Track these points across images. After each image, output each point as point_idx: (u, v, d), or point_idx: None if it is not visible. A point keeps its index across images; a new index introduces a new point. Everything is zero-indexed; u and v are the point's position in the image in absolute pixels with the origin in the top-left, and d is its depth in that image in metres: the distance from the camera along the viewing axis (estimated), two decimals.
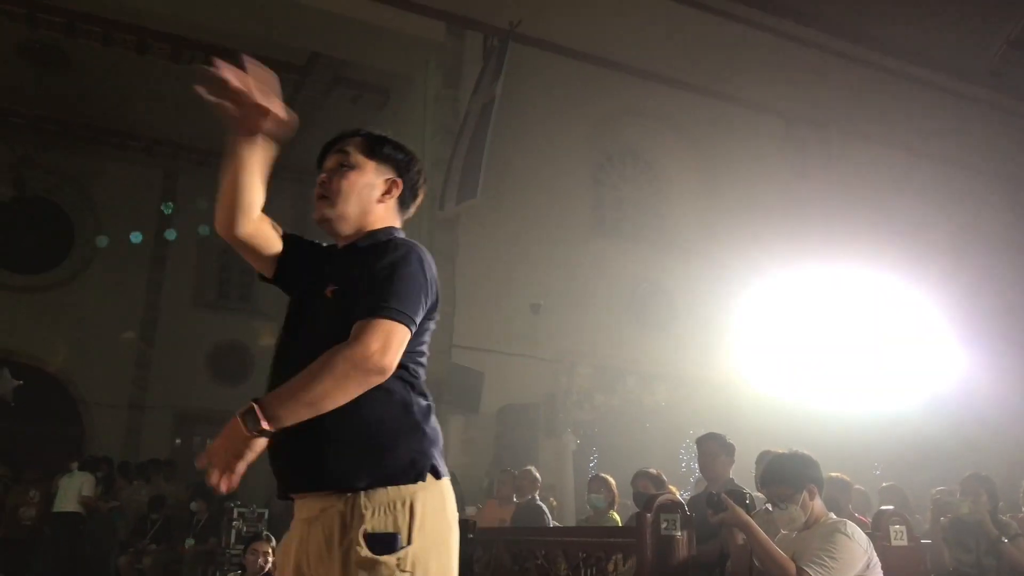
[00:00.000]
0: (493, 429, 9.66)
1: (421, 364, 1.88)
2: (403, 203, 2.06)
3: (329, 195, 1.98)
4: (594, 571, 4.10)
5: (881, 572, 3.32)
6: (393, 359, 1.70)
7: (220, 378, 14.31)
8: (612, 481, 6.03)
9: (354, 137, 2.05)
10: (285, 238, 2.08)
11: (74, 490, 9.60)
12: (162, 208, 12.96)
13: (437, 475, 1.78)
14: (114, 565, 9.65)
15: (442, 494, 1.78)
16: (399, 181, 2.03)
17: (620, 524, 5.71)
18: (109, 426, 13.42)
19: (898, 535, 3.99)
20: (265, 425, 1.64)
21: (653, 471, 5.72)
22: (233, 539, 7.86)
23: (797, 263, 9.75)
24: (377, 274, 1.80)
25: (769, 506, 3.60)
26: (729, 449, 4.99)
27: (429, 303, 1.85)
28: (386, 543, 1.67)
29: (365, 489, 1.69)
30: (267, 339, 14.61)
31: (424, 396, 1.85)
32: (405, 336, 1.74)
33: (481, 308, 9.44)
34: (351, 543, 1.67)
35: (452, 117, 10.27)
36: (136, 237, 12.92)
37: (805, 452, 3.63)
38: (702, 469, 5.21)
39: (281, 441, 1.72)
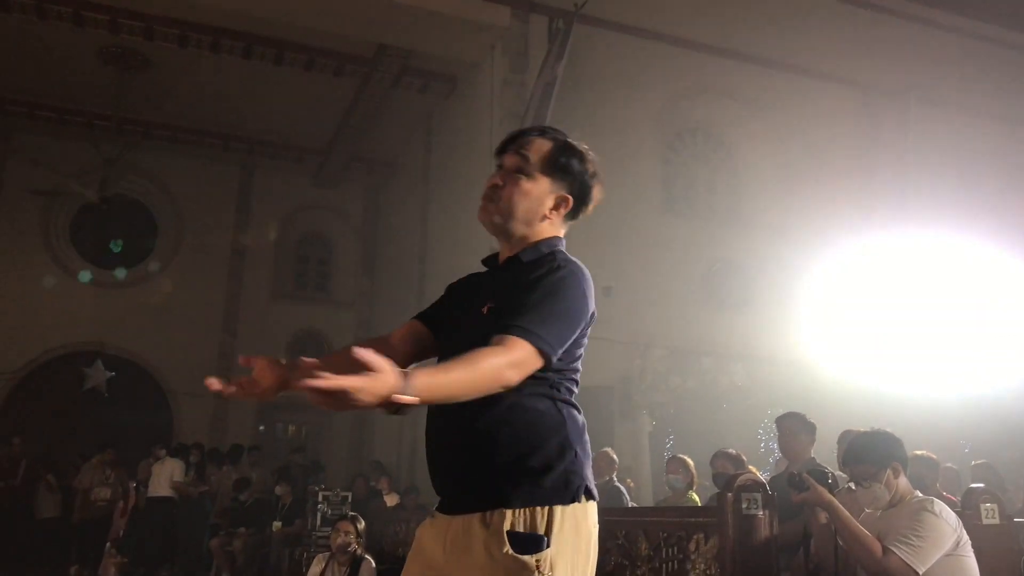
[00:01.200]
0: None
1: (575, 381, 1.87)
2: (571, 215, 2.00)
3: (498, 202, 1.91)
4: (675, 551, 4.10)
5: (971, 551, 3.24)
6: (517, 379, 1.66)
7: None
8: (690, 462, 6.01)
9: (540, 139, 1.95)
10: (424, 316, 2.05)
11: (166, 476, 10.00)
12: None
13: (590, 496, 1.78)
14: (206, 547, 10.03)
15: (585, 510, 1.77)
16: (570, 199, 1.96)
17: (699, 505, 5.69)
18: (196, 414, 13.90)
19: (989, 513, 3.89)
20: (409, 393, 1.47)
21: (732, 451, 5.69)
22: (319, 522, 8.08)
23: (875, 237, 9.50)
24: (532, 291, 1.77)
25: (852, 485, 3.54)
26: (810, 428, 4.92)
27: (581, 328, 1.82)
28: (529, 542, 1.67)
29: (520, 507, 1.70)
30: (344, 327, 14.94)
31: (578, 411, 1.84)
32: (537, 364, 1.69)
33: None
34: (492, 539, 1.68)
35: (519, 102, 10.27)
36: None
37: (888, 430, 3.56)
38: (782, 448, 5.15)
39: (443, 463, 1.79)
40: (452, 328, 1.95)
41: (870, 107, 12.15)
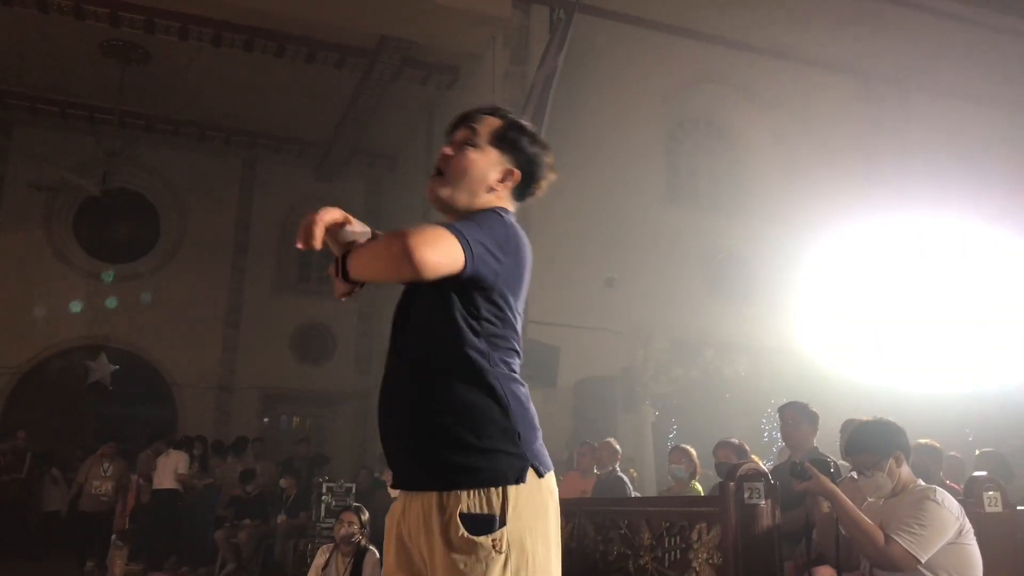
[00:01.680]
0: (571, 403, 9.71)
1: (514, 352, 1.86)
2: (519, 194, 2.00)
3: (446, 172, 1.93)
4: (678, 540, 4.11)
5: (974, 539, 3.25)
6: (427, 258, 1.64)
7: (303, 358, 14.73)
8: (693, 452, 6.02)
9: (490, 116, 1.98)
10: None
11: (170, 468, 10.03)
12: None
13: (539, 474, 1.78)
14: (211, 539, 10.07)
15: (539, 486, 1.78)
16: (516, 172, 1.96)
17: (702, 494, 5.70)
18: (200, 407, 13.95)
19: (992, 502, 3.89)
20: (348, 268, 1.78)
21: (735, 441, 5.69)
22: (323, 513, 8.11)
23: (878, 224, 9.48)
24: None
25: (855, 474, 3.55)
26: (812, 417, 4.92)
27: (504, 262, 1.79)
28: (482, 523, 1.70)
29: (466, 489, 1.72)
30: (347, 320, 14.96)
31: (520, 384, 1.84)
32: (450, 247, 1.68)
33: (555, 283, 9.45)
34: (448, 521, 1.71)
35: (521, 94, 10.26)
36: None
37: (890, 419, 3.56)
38: (785, 438, 5.16)
39: (389, 441, 1.83)
40: (400, 309, 1.94)
41: (871, 94, 12.13)
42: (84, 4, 10.47)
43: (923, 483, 3.44)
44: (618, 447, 7.13)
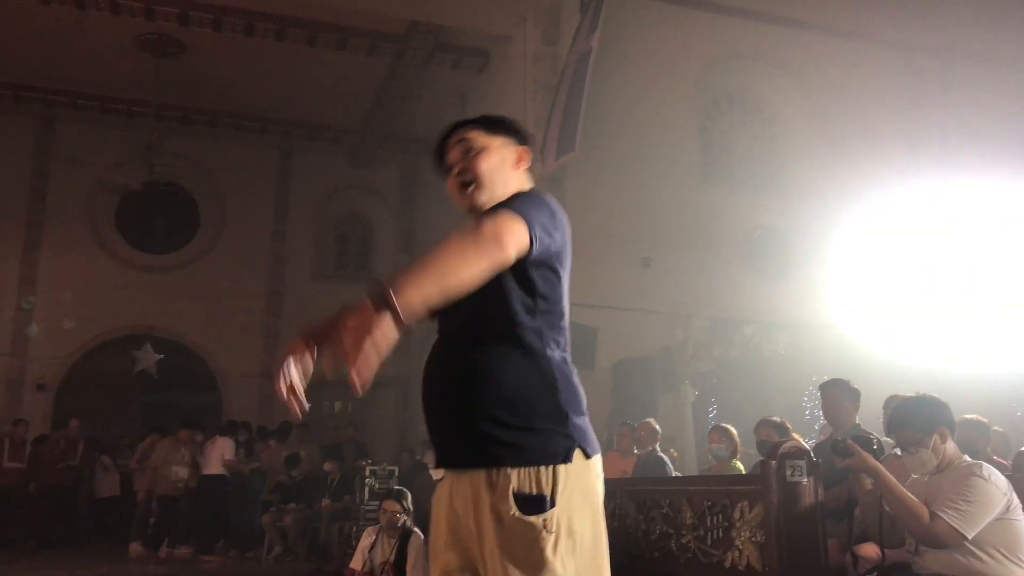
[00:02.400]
0: (610, 384, 9.71)
1: (562, 330, 1.87)
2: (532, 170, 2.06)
3: (475, 180, 1.94)
4: (720, 519, 4.12)
5: (1022, 514, 3.21)
6: (509, 239, 1.65)
7: None
8: (734, 431, 6.00)
9: (466, 126, 2.02)
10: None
11: (217, 454, 10.22)
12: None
13: (586, 455, 1.80)
14: (258, 523, 10.27)
15: (587, 467, 1.79)
16: (526, 149, 2.03)
17: (743, 473, 5.69)
18: (244, 394, 14.17)
19: None
20: (399, 304, 1.52)
21: (776, 419, 5.66)
22: (367, 496, 8.22)
23: (920, 200, 9.31)
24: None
25: (898, 451, 3.51)
26: (854, 394, 4.88)
27: (556, 239, 1.81)
28: (534, 503, 1.71)
29: (515, 468, 1.74)
30: None
31: (569, 365, 1.86)
32: (522, 231, 1.69)
33: (591, 264, 9.39)
34: (499, 499, 1.72)
35: (553, 75, 10.21)
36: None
37: (933, 395, 3.52)
38: (826, 415, 5.12)
39: (437, 420, 1.84)
40: (441, 317, 1.95)
41: (912, 67, 11.87)
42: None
43: (969, 459, 3.40)
44: (657, 427, 7.13)
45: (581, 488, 1.77)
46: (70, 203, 13.99)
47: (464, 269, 1.60)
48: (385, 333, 1.52)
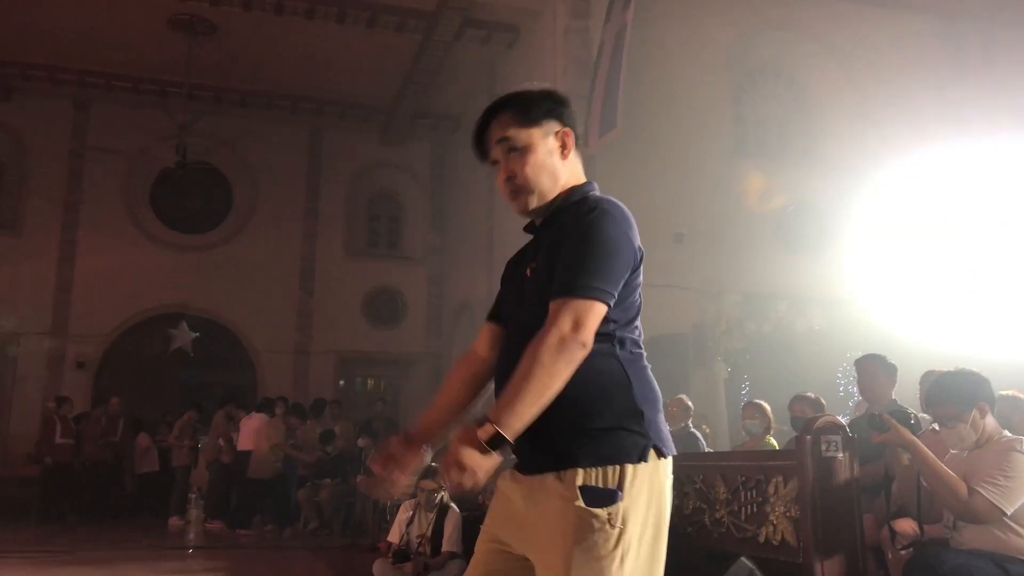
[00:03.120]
0: None
1: (638, 329, 1.86)
2: (575, 146, 1.96)
3: (524, 187, 1.90)
4: (754, 494, 4.11)
5: None
6: (589, 335, 1.69)
7: (375, 322, 15.01)
8: (767, 407, 5.98)
9: (500, 116, 1.94)
10: (492, 315, 2.08)
11: (251, 431, 10.39)
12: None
13: (660, 454, 1.77)
14: (294, 498, 10.43)
15: (659, 467, 1.77)
16: (567, 131, 1.93)
17: (777, 449, 5.67)
18: (279, 371, 14.37)
19: None
20: (508, 436, 1.64)
21: (811, 395, 5.64)
22: None
23: (960, 174, 9.13)
24: (569, 244, 1.77)
25: (936, 426, 3.49)
26: (890, 369, 4.84)
27: (631, 264, 1.80)
28: (600, 497, 1.69)
29: (585, 468, 1.72)
30: (417, 283, 15.18)
31: (644, 363, 1.84)
32: (600, 311, 1.72)
33: None
34: (567, 490, 1.70)
35: (583, 49, 10.13)
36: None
37: (973, 370, 3.48)
38: (862, 391, 5.09)
39: None
40: (507, 305, 1.99)
41: (951, 37, 11.60)
42: None
43: (1009, 434, 3.36)
44: (690, 403, 7.13)
45: (650, 487, 1.74)
46: (106, 184, 14.19)
47: (558, 382, 1.68)
48: (488, 467, 1.64)
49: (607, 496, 1.69)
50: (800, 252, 10.32)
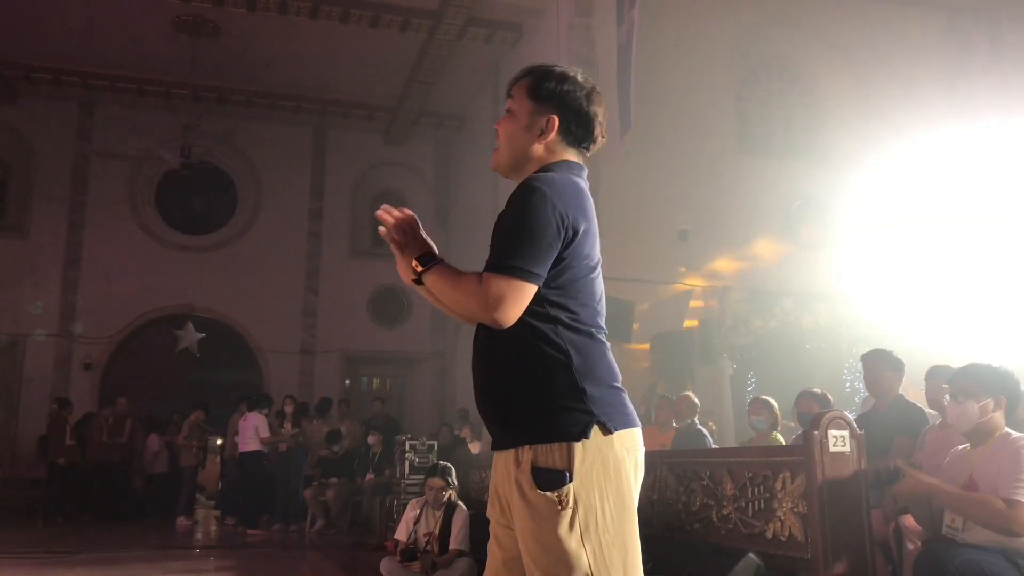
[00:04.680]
0: (647, 357, 9.70)
1: (588, 307, 1.86)
2: (573, 137, 1.99)
3: (498, 143, 2.05)
4: (761, 490, 4.11)
5: None
6: (507, 314, 1.77)
7: (380, 321, 15.01)
8: (774, 403, 5.97)
9: (524, 79, 2.03)
10: None
11: (250, 430, 10.36)
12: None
13: (607, 429, 1.78)
14: (301, 497, 10.45)
15: (609, 443, 1.78)
16: (554, 118, 1.96)
17: (784, 445, 5.66)
18: (285, 371, 14.39)
19: None
20: (418, 268, 1.91)
21: (818, 390, 5.63)
22: (407, 470, 8.32)
23: (968, 170, 9.11)
24: (499, 224, 1.87)
25: (948, 397, 3.46)
26: (896, 365, 4.83)
27: (558, 240, 1.80)
28: (550, 479, 1.74)
29: (533, 445, 1.78)
30: None
31: (589, 338, 1.84)
32: (522, 289, 1.77)
33: (628, 237, 9.37)
34: (522, 474, 1.78)
35: (587, 46, 10.12)
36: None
37: (1010, 368, 3.46)
38: (868, 386, 5.08)
39: (477, 404, 1.93)
40: None
41: (957, 31, 11.57)
42: None
43: (1013, 432, 3.34)
44: (696, 400, 7.12)
45: (601, 463, 1.76)
46: (111, 184, 14.22)
47: (451, 302, 1.88)
48: (401, 258, 1.97)
49: (556, 477, 1.74)
50: (806, 248, 10.32)
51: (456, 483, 5.91)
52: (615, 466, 1.78)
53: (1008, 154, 9.16)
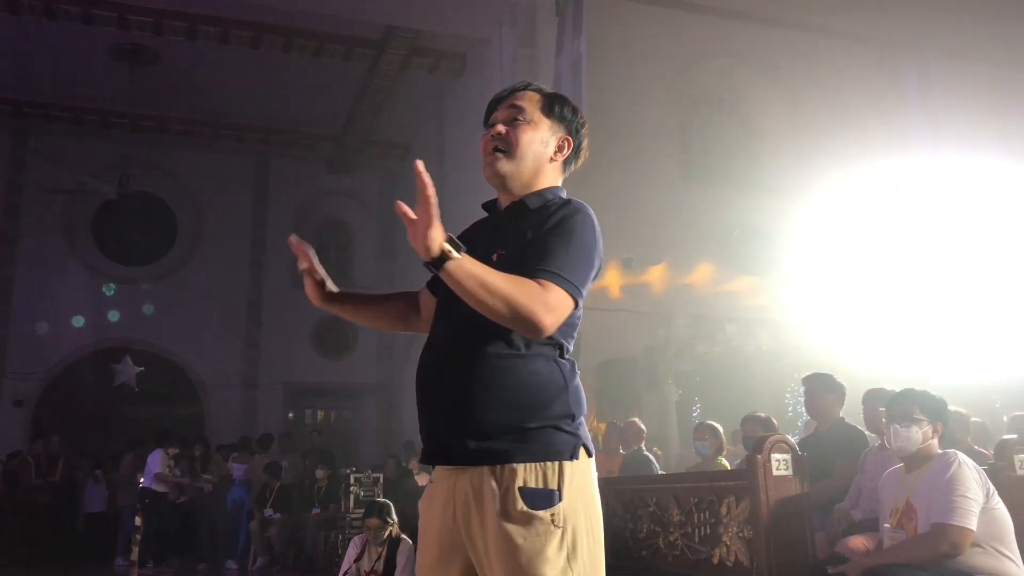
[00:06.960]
0: (594, 385, 9.70)
1: (572, 336, 1.88)
2: (567, 164, 2.03)
3: (508, 148, 1.93)
4: (707, 515, 4.11)
5: (1002, 502, 3.22)
6: (554, 326, 1.72)
7: (325, 352, 14.80)
8: (719, 427, 6.01)
9: (527, 91, 1.99)
10: (430, 284, 2.10)
11: (151, 468, 9.96)
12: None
13: (588, 453, 1.81)
14: (245, 531, 10.15)
15: (589, 466, 1.81)
16: (570, 140, 2.00)
17: (729, 469, 5.69)
18: (226, 404, 14.07)
19: (1023, 464, 3.85)
20: (454, 254, 1.64)
21: (762, 414, 5.67)
22: (352, 504, 8.17)
23: (904, 197, 9.36)
24: (552, 235, 1.80)
25: (886, 420, 3.53)
26: (836, 388, 4.90)
27: (595, 275, 1.86)
28: (542, 498, 1.70)
29: (522, 463, 1.72)
30: None
31: (574, 369, 1.87)
32: (571, 308, 1.76)
33: None
34: (505, 494, 1.70)
35: (531, 77, 10.19)
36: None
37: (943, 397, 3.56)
38: (809, 409, 5.14)
39: (436, 416, 1.81)
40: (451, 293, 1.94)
41: (887, 63, 11.96)
42: (91, 9, 10.51)
43: (940, 451, 3.42)
44: (643, 426, 7.14)
45: (586, 485, 1.77)
46: (45, 216, 13.83)
47: (504, 301, 1.66)
48: (436, 235, 1.65)
49: (547, 496, 1.70)
50: (748, 274, 10.48)
51: (396, 519, 5.78)
52: (593, 489, 1.80)
53: (940, 183, 9.44)
